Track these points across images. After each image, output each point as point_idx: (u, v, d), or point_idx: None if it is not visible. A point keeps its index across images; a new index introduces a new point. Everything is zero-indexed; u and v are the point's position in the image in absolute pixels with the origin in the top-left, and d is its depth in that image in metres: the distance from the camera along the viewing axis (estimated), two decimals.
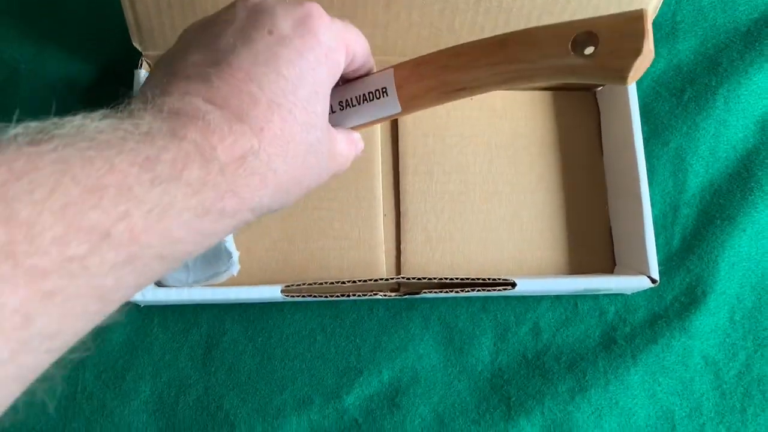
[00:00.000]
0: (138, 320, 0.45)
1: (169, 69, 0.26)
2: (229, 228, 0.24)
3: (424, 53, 0.44)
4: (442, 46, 0.44)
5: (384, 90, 0.32)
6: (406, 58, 0.45)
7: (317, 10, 0.27)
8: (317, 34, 0.27)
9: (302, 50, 0.26)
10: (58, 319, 0.18)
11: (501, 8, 0.41)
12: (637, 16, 0.27)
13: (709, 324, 0.48)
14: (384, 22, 0.42)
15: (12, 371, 0.18)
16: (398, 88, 0.32)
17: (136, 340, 0.44)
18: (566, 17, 0.43)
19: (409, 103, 0.33)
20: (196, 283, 0.42)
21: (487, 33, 0.42)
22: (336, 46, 0.28)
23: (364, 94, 0.33)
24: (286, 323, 0.45)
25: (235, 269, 0.43)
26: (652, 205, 0.47)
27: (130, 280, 0.20)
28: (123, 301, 0.21)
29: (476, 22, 0.42)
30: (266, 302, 0.45)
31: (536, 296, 0.47)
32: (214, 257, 0.42)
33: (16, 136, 0.19)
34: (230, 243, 0.43)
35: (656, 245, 0.44)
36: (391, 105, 0.33)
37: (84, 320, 0.20)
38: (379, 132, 0.48)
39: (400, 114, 0.33)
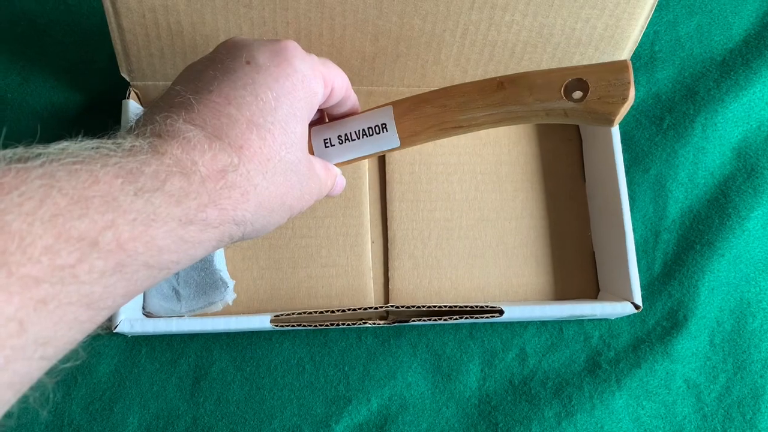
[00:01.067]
0: (125, 351, 0.44)
1: (153, 107, 0.27)
2: (214, 240, 0.25)
3: (410, 83, 0.45)
4: (428, 77, 0.45)
5: (384, 126, 0.34)
6: (393, 89, 0.45)
7: (292, 43, 0.29)
8: (292, 63, 0.28)
9: (278, 76, 0.27)
10: (50, 326, 0.19)
11: (486, 41, 0.42)
12: (623, 67, 0.29)
13: (691, 348, 0.49)
14: (372, 54, 0.42)
15: (7, 378, 0.18)
16: (397, 124, 0.34)
17: (124, 371, 0.44)
18: (549, 50, 0.44)
19: (408, 139, 0.34)
20: (189, 312, 0.42)
21: (473, 65, 0.43)
22: (312, 74, 0.29)
23: (363, 129, 0.34)
24: (275, 352, 0.45)
25: (231, 298, 0.43)
26: (634, 231, 0.48)
27: (118, 288, 0.21)
28: (113, 309, 0.22)
29: (462, 54, 0.43)
30: (255, 331, 0.45)
31: (522, 322, 0.48)
32: (209, 287, 0.42)
33: (4, 155, 0.20)
34: (225, 272, 0.43)
35: (638, 270, 0.45)
36: (390, 140, 0.34)
37: (76, 328, 0.20)
38: (367, 160, 0.48)
39: (398, 148, 0.34)
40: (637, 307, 0.44)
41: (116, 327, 0.39)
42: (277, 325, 0.40)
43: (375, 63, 0.43)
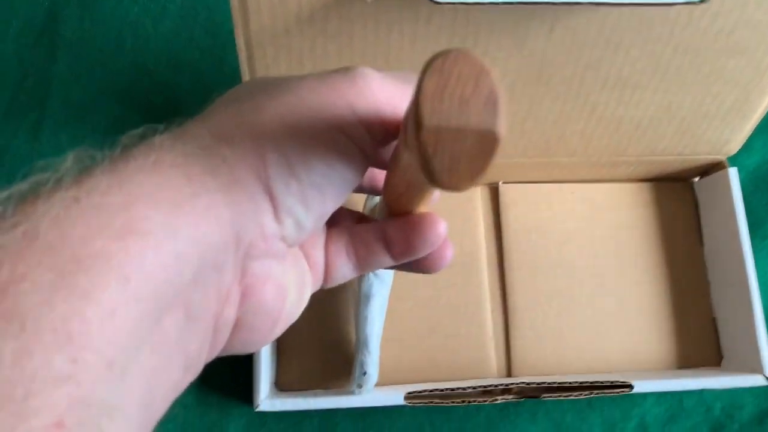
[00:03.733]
0: (252, 411, 0.46)
1: None
2: None
3: (533, 155, 0.46)
4: (551, 150, 0.45)
5: None
6: (514, 160, 0.46)
7: None
8: None
9: None
10: None
11: (613, 117, 0.43)
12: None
13: None
14: None
15: None
16: None
17: (252, 431, 0.46)
18: (675, 123, 0.44)
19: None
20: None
21: (596, 138, 0.44)
22: None
23: None
24: (395, 417, 0.46)
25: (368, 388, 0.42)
26: None
27: None
28: None
29: (587, 129, 0.43)
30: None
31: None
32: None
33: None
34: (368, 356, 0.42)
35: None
36: None
37: None
38: (483, 228, 0.49)
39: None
40: None
41: (258, 407, 0.41)
42: (410, 403, 0.41)
43: None
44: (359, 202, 0.46)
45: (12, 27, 0.52)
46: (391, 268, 0.28)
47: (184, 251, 0.18)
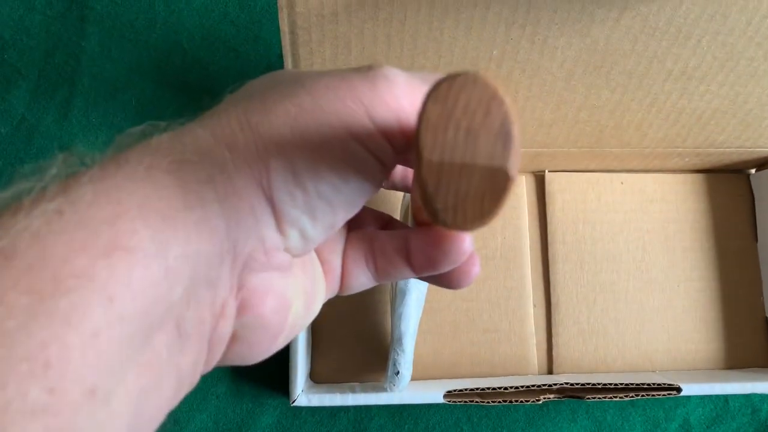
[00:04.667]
0: (287, 403, 0.45)
1: None
2: None
3: (584, 145, 0.44)
4: (604, 140, 0.43)
5: None
6: (564, 150, 0.44)
7: None
8: None
9: None
10: None
11: (674, 108, 0.40)
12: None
13: None
14: (550, 121, 0.41)
15: None
16: None
17: (286, 423, 0.45)
18: (739, 116, 0.41)
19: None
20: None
21: (654, 129, 0.41)
22: None
23: None
24: (432, 411, 0.45)
25: (400, 387, 0.40)
26: None
27: None
28: None
29: (645, 120, 0.41)
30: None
31: None
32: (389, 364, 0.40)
33: None
34: (402, 355, 0.40)
35: None
36: None
37: None
38: (527, 219, 0.47)
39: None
40: None
41: (294, 402, 0.40)
42: (449, 401, 0.40)
43: (551, 129, 0.42)
44: (393, 199, 0.44)
45: None
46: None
47: (175, 267, 0.16)
